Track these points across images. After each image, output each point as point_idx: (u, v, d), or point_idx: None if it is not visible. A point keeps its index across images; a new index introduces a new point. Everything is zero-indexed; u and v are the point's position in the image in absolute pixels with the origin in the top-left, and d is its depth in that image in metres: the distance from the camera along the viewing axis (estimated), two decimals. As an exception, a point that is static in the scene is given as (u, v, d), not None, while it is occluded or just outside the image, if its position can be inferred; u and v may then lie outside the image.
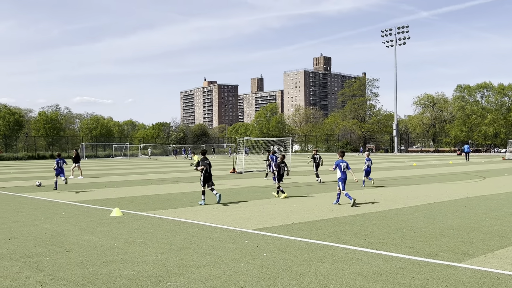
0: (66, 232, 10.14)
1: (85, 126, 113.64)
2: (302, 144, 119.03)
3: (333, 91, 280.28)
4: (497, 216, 11.70)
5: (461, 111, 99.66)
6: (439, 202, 14.52)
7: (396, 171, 31.47)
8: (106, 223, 11.18)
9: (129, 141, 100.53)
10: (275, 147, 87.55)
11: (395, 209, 13.14)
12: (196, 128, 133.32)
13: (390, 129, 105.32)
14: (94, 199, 16.44)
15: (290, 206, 13.92)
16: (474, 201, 14.82)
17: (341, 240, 8.94)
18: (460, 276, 6.45)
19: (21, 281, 6.48)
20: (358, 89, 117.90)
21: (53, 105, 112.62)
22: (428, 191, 17.85)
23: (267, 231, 9.97)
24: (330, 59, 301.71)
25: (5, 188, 21.14)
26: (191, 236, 9.51)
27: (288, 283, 6.25)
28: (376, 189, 18.87)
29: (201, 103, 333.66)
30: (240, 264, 7.24)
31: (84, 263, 7.41)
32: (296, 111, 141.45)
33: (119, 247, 8.50)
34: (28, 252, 8.20)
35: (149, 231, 10.07)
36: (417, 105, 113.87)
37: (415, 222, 10.92)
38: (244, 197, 16.54)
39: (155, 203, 15.05)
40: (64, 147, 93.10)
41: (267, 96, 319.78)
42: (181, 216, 12.26)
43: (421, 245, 8.40)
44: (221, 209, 13.45)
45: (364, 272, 6.70)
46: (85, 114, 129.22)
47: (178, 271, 6.86)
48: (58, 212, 13.22)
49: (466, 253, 7.80)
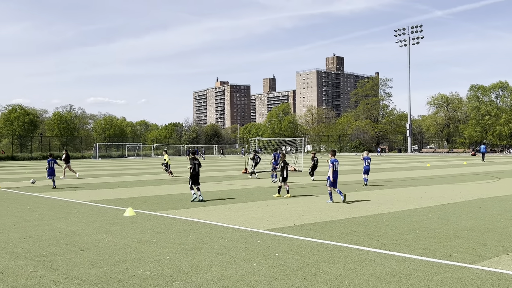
0: (80, 231, 10.24)
1: (98, 126, 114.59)
2: (315, 144, 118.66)
3: (346, 91, 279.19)
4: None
5: (475, 111, 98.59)
6: (453, 203, 14.38)
7: (409, 172, 31.24)
8: (119, 223, 11.26)
9: (142, 141, 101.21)
10: (287, 147, 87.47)
11: (409, 210, 13.04)
12: (208, 129, 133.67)
13: (403, 129, 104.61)
14: (107, 199, 16.57)
15: (303, 207, 13.89)
16: (489, 202, 14.65)
17: (354, 241, 8.90)
18: (474, 278, 6.38)
19: (35, 280, 6.56)
20: (371, 89, 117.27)
21: (67, 106, 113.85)
22: (442, 192, 17.69)
23: (279, 231, 9.96)
24: (342, 59, 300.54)
25: (20, 188, 21.40)
26: (203, 236, 9.54)
27: (300, 283, 6.24)
28: (389, 190, 18.75)
29: (213, 103, 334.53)
30: (252, 264, 7.24)
31: (98, 262, 7.47)
32: (308, 111, 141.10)
33: (132, 247, 8.56)
34: (43, 251, 8.29)
35: (162, 231, 10.12)
36: (431, 105, 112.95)
37: (429, 223, 10.82)
38: (256, 197, 16.55)
39: (168, 203, 15.12)
40: (78, 147, 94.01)
41: (279, 96, 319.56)
42: (193, 216, 12.30)
43: (435, 246, 8.32)
44: (233, 209, 13.47)
45: (377, 273, 6.66)
46: (99, 114, 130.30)
47: (191, 271, 6.88)
48: (72, 212, 13.35)
49: (480, 254, 7.72)
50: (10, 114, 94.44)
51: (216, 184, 22.53)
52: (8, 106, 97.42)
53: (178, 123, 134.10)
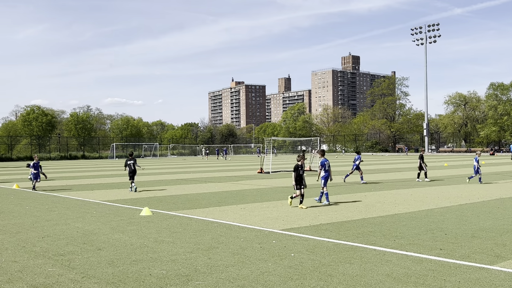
0: (97, 231, 10.35)
1: (115, 126, 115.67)
2: (330, 144, 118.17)
3: (362, 91, 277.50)
4: (532, 217, 11.36)
5: (493, 110, 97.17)
6: (471, 203, 14.20)
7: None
8: (135, 222, 11.35)
9: (158, 142, 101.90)
10: (303, 147, 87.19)
11: (426, 210, 12.91)
12: (223, 129, 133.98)
13: (420, 129, 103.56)
14: (124, 199, 16.72)
15: (318, 207, 13.84)
16: (508, 202, 14.42)
17: (370, 241, 8.84)
18: (492, 279, 6.29)
19: (53, 278, 6.65)
20: (387, 88, 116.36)
21: (85, 106, 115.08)
22: (460, 192, 17.47)
23: (294, 231, 9.94)
24: (358, 58, 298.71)
25: (38, 187, 21.69)
26: (219, 235, 9.57)
27: (316, 284, 6.22)
28: (406, 190, 18.59)
29: (228, 103, 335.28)
30: (268, 264, 7.24)
31: (115, 261, 7.54)
32: (324, 111, 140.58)
33: (148, 246, 8.62)
34: (61, 251, 8.40)
35: (177, 231, 10.18)
36: (448, 104, 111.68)
37: (446, 223, 10.70)
38: (272, 197, 16.53)
39: (184, 203, 15.20)
40: (95, 147, 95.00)
41: (295, 96, 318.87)
42: (209, 215, 12.34)
43: (452, 247, 8.23)
44: (248, 209, 13.48)
45: (393, 274, 6.60)
46: (116, 115, 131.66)
47: (207, 271, 6.91)
48: (89, 211, 13.49)
49: (499, 255, 7.61)
50: (29, 115, 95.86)
51: (231, 184, 22.57)
52: (27, 107, 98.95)
53: (194, 123, 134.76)
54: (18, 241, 9.34)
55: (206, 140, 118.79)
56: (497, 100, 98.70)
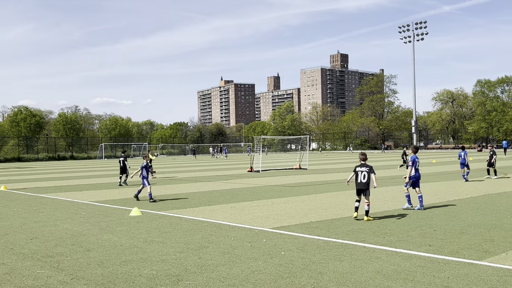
0: (86, 232, 10.27)
1: (104, 126, 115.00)
2: (320, 142, 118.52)
3: (351, 89, 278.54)
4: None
5: (481, 106, 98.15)
6: (459, 199, 14.33)
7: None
8: (125, 223, 11.29)
9: (147, 141, 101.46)
10: (292, 145, 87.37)
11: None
12: (213, 128, 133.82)
13: (408, 126, 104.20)
14: (113, 199, 16.62)
15: (308, 205, 13.87)
16: (496, 198, 14.58)
17: (359, 238, 8.88)
18: (481, 274, 6.35)
19: (42, 280, 6.59)
20: (376, 86, 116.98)
21: (73, 107, 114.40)
22: (448, 188, 17.62)
23: (285, 229, 9.95)
24: (347, 56, 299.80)
25: (26, 189, 21.50)
26: (209, 235, 9.55)
27: (306, 281, 6.23)
28: (395, 187, 18.70)
29: (218, 102, 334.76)
30: (258, 263, 7.24)
31: (104, 262, 7.49)
32: (313, 109, 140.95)
33: (138, 247, 8.58)
34: (49, 252, 8.33)
35: (167, 230, 10.14)
36: (436, 101, 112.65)
37: (435, 219, 10.79)
38: (262, 196, 16.54)
39: (173, 203, 15.15)
40: (84, 147, 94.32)
41: (284, 95, 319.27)
42: (199, 215, 12.32)
43: (441, 243, 8.29)
44: (239, 208, 13.48)
45: (383, 271, 6.64)
46: (104, 115, 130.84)
47: (197, 270, 6.89)
48: (78, 212, 13.40)
49: (487, 250, 7.68)
50: (16, 116, 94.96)
51: (221, 183, 22.54)
52: (14, 108, 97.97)
53: (183, 123, 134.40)
54: (6, 243, 9.24)
55: (195, 139, 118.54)
56: (484, 96, 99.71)
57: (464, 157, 21.11)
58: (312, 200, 15.07)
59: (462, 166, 20.96)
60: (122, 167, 22.28)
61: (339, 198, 15.29)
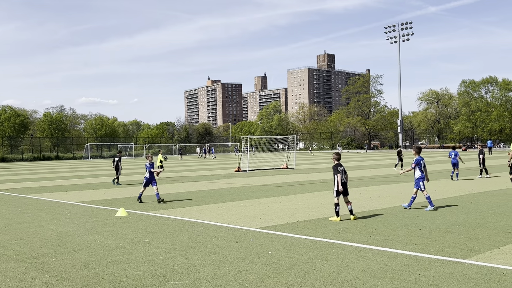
0: (71, 232, 10.18)
1: (89, 126, 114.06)
2: (307, 142, 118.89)
3: (337, 89, 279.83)
4: (503, 211, 11.65)
5: (466, 107, 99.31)
6: (444, 198, 14.47)
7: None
8: (111, 223, 11.21)
9: (134, 141, 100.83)
10: (279, 145, 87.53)
11: (400, 205, 13.10)
12: (200, 127, 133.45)
13: (394, 126, 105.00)
14: (99, 200, 16.49)
15: (295, 205, 13.91)
16: (480, 197, 14.76)
17: (346, 237, 8.92)
18: (466, 273, 6.42)
19: (27, 282, 6.51)
20: (362, 86, 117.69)
21: (58, 106, 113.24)
22: (434, 187, 17.79)
23: (272, 229, 9.96)
24: (333, 56, 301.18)
25: (10, 190, 21.23)
26: (196, 235, 9.52)
27: (293, 281, 6.24)
28: (381, 186, 18.83)
29: (205, 102, 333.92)
30: (245, 262, 7.24)
31: (90, 263, 7.43)
32: (300, 109, 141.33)
33: (124, 247, 8.52)
34: (34, 253, 8.23)
35: (154, 231, 10.09)
36: (422, 101, 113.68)
37: (421, 218, 10.88)
38: (249, 196, 16.54)
39: (160, 203, 15.07)
40: (69, 147, 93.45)
41: (271, 94, 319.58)
42: (186, 215, 12.28)
43: (427, 242, 8.37)
44: (226, 208, 13.46)
45: (369, 270, 6.68)
46: (90, 114, 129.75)
47: (184, 271, 6.87)
48: (64, 213, 13.26)
49: (472, 249, 7.77)
50: (0, 116, 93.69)
51: (208, 183, 22.50)
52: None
53: (170, 122, 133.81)
54: (-11, 244, 9.11)
55: (182, 139, 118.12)
56: (468, 97, 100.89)
57: (455, 157, 21.51)
58: (299, 199, 15.11)
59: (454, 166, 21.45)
60: (115, 166, 22.66)
61: (326, 198, 15.35)
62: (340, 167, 11.04)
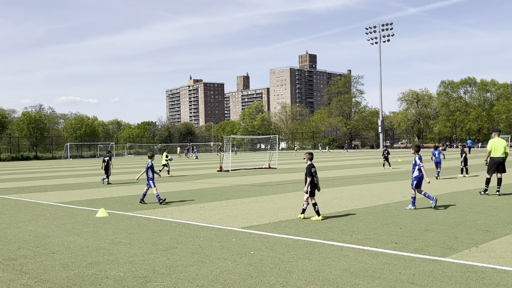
0: (50, 233, 10.02)
1: (69, 126, 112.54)
2: (289, 141, 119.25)
3: (319, 89, 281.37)
4: (481, 210, 11.84)
5: (445, 107, 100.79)
6: (424, 197, 14.64)
7: (381, 167, 31.66)
8: (91, 224, 11.07)
9: (114, 141, 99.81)
10: (262, 145, 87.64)
11: (381, 205, 13.23)
12: (181, 127, 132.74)
13: (375, 126, 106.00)
14: (79, 200, 16.28)
15: (277, 204, 13.93)
16: (459, 196, 14.98)
17: (328, 236, 8.97)
18: (445, 271, 6.51)
19: (5, 284, 6.38)
20: (344, 86, 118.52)
21: (37, 105, 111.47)
22: (414, 187, 17.98)
23: (254, 229, 9.96)
24: (315, 56, 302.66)
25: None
26: (178, 235, 9.46)
27: (275, 280, 6.25)
28: (362, 186, 18.98)
29: (187, 101, 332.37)
30: (228, 262, 7.22)
31: (69, 265, 7.32)
32: (282, 109, 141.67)
33: (105, 248, 8.42)
34: (12, 255, 8.08)
35: (135, 231, 10.00)
36: (402, 102, 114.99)
37: (401, 217, 11.00)
38: (231, 196, 16.51)
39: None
40: (48, 147, 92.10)
41: (253, 94, 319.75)
42: (167, 215, 12.19)
43: (407, 240, 8.46)
44: (208, 208, 13.41)
45: (351, 268, 6.72)
46: (70, 114, 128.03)
47: (165, 271, 6.82)
48: (43, 214, 13.06)
49: (451, 247, 7.88)
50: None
51: (190, 183, 22.39)
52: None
53: (151, 122, 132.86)
54: (-35, 246, 8.91)
55: (164, 139, 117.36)
56: (447, 97, 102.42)
57: (438, 156, 21.92)
58: (282, 199, 15.14)
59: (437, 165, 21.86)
60: (105, 166, 22.90)
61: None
62: (313, 167, 11.03)
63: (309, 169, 10.94)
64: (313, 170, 10.95)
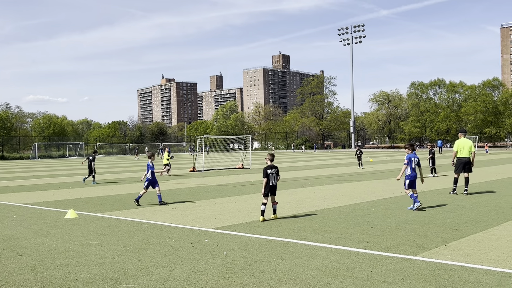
0: (17, 235, 9.75)
1: (37, 125, 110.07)
2: (262, 141, 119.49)
3: (292, 89, 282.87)
4: (450, 209, 12.10)
5: (415, 108, 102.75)
6: (395, 197, 14.88)
7: (353, 167, 32.05)
8: (60, 226, 10.82)
9: (84, 141, 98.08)
10: (235, 145, 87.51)
11: (353, 204, 13.36)
12: (153, 127, 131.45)
13: (347, 126, 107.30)
14: (47, 201, 15.91)
15: (250, 204, 13.92)
16: (428, 195, 15.27)
17: (300, 236, 9.00)
18: (415, 269, 6.61)
19: (-32, 288, 6.18)
20: (316, 87, 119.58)
21: (3, 104, 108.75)
22: (385, 186, 18.26)
23: (227, 229, 9.92)
24: (288, 57, 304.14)
25: (-49, 191, 20.15)
26: (149, 236, 9.34)
27: (248, 281, 6.23)
28: (335, 185, 19.14)
29: (159, 101, 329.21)
30: (200, 263, 7.16)
31: (37, 267, 7.14)
32: (255, 109, 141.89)
33: (74, 250, 8.24)
34: (-23, 258, 7.83)
35: (105, 233, 9.82)
36: (373, 102, 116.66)
37: (372, 216, 11.13)
38: (204, 196, 16.42)
39: (112, 204, 14.71)
40: (16, 147, 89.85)
41: (227, 94, 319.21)
42: (139, 216, 12.03)
43: (378, 239, 8.56)
44: (180, 209, 13.29)
45: (323, 268, 6.76)
46: (38, 113, 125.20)
47: (136, 273, 6.71)
48: (9, 215, 12.70)
49: (421, 246, 8.01)
50: None
51: (162, 183, 22.15)
52: None
53: (122, 122, 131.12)
54: None
55: (135, 139, 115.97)
56: (417, 98, 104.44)
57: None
58: (255, 199, 15.13)
59: None
60: (89, 165, 22.78)
61: (281, 197, 15.44)
62: (271, 169, 11.01)
63: (265, 171, 10.95)
64: (269, 172, 10.93)
